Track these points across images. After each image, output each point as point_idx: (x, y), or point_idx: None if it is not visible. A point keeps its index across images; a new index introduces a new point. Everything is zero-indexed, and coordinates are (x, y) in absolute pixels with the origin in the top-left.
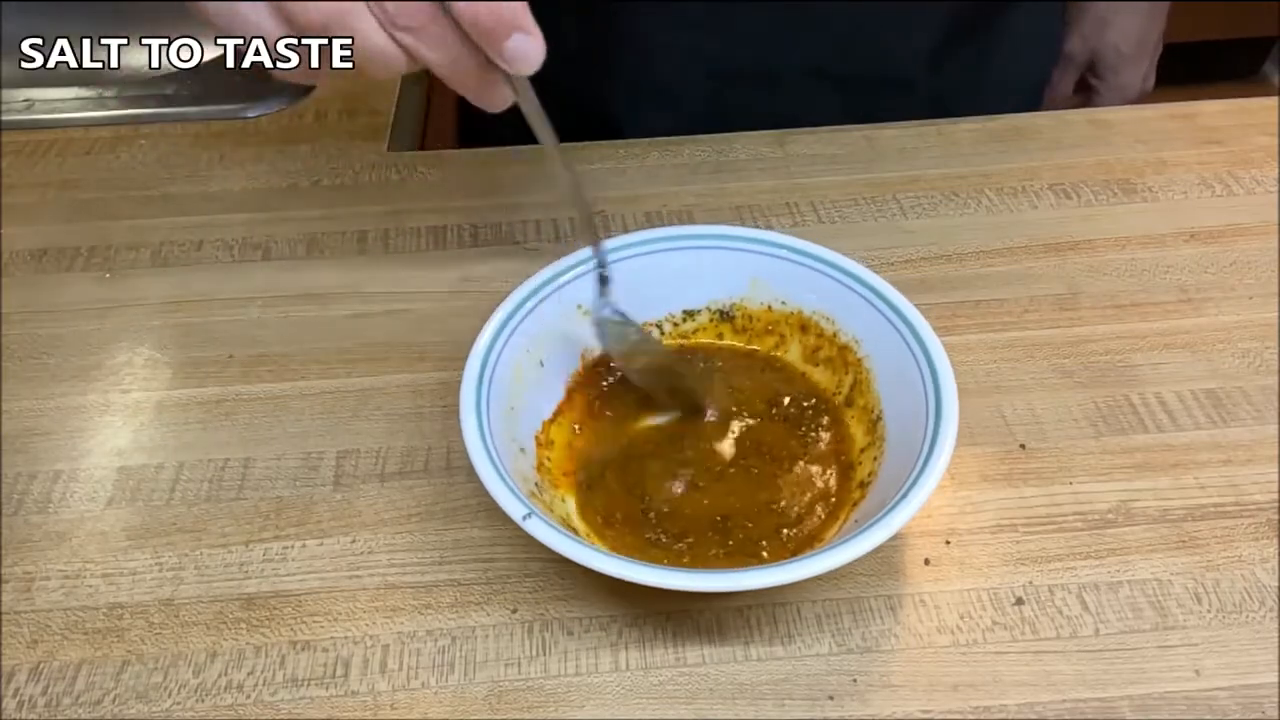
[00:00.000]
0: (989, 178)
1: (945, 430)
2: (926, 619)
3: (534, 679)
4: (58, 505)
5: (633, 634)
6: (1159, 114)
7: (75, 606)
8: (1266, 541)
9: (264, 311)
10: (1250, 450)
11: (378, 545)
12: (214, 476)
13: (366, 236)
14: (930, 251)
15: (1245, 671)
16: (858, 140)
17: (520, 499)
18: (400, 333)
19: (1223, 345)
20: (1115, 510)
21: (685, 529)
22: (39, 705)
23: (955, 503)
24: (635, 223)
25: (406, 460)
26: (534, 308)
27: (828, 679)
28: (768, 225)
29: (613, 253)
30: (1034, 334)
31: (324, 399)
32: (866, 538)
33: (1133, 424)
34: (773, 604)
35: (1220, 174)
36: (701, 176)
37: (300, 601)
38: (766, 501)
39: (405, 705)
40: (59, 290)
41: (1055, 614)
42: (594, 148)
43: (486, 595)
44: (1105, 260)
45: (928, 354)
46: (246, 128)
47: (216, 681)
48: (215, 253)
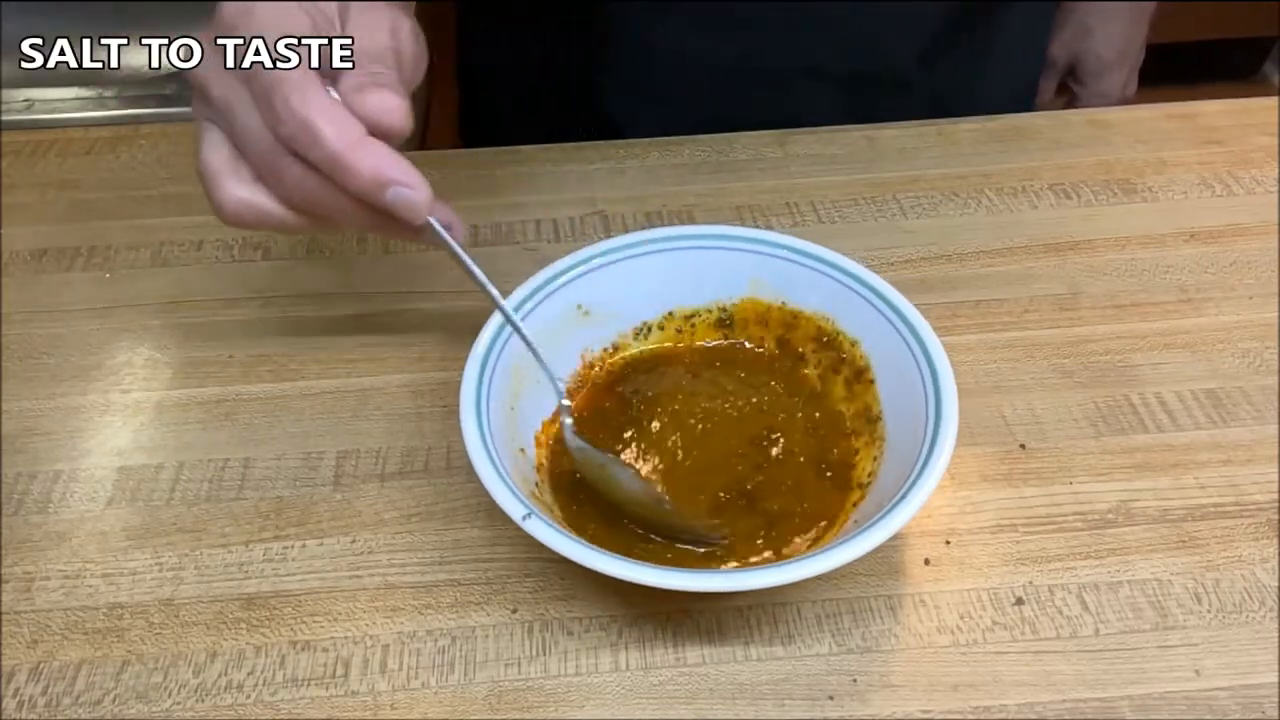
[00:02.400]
0: (989, 178)
1: (945, 431)
2: (926, 619)
3: (534, 679)
4: (58, 505)
5: (633, 634)
6: (1159, 114)
7: (75, 606)
8: (1266, 541)
9: (264, 311)
10: (1250, 450)
11: (378, 545)
12: (214, 476)
13: (366, 236)
14: (930, 251)
15: (1245, 671)
16: (858, 140)
17: (520, 499)
18: (400, 333)
19: (1223, 345)
20: (1115, 510)
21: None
22: (39, 705)
23: (955, 503)
24: (635, 223)
25: (406, 460)
26: (534, 308)
27: (828, 679)
28: (768, 225)
29: (613, 253)
30: (1034, 334)
31: (324, 399)
32: (866, 538)
33: (1133, 424)
34: (773, 604)
35: (1220, 174)
36: (701, 176)
37: (300, 601)
38: (765, 501)
39: (405, 705)
40: (59, 290)
41: (1055, 614)
42: (594, 148)
43: (486, 595)
44: (1105, 260)
45: (928, 354)
46: None
47: (216, 681)
48: (215, 253)
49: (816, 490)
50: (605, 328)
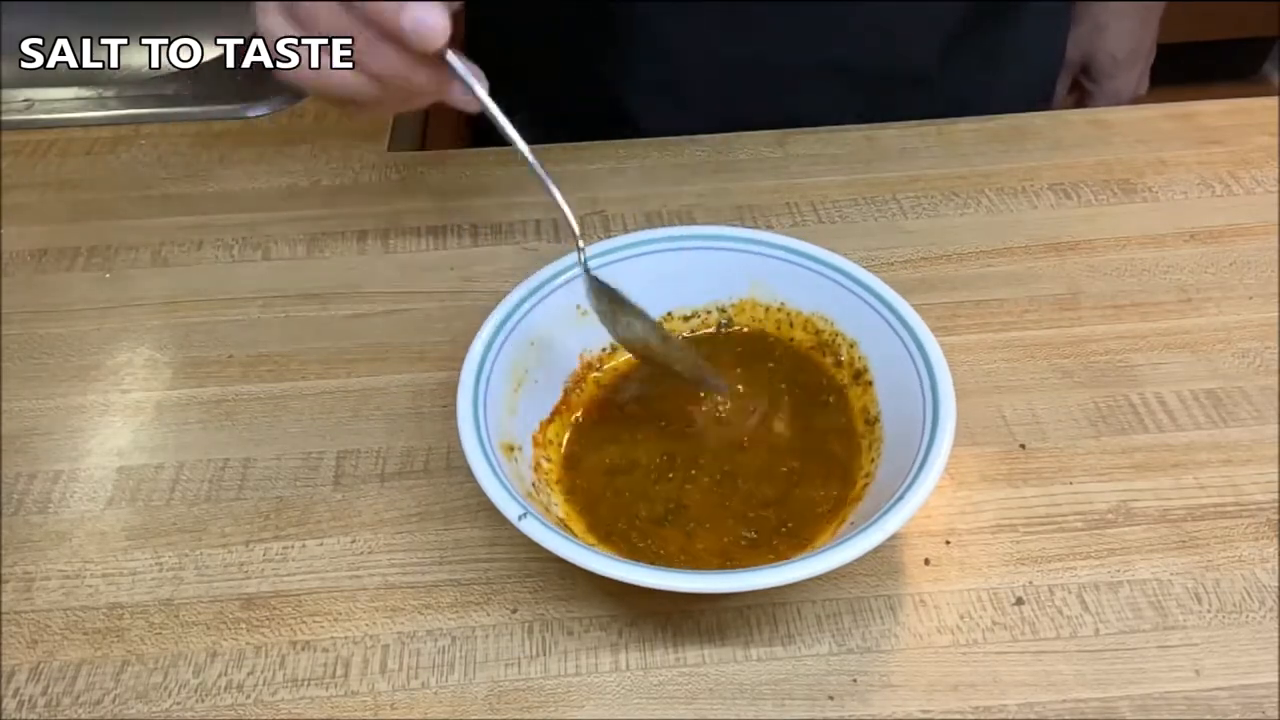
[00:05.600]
0: (989, 178)
1: (943, 432)
2: (926, 619)
3: (534, 679)
4: (58, 505)
5: (633, 634)
6: (1159, 114)
7: (75, 606)
8: (1266, 541)
9: (264, 311)
10: (1250, 450)
11: (378, 545)
12: (214, 476)
13: (366, 236)
14: (930, 251)
15: (1245, 671)
16: (858, 140)
17: (516, 499)
18: (400, 333)
19: (1223, 345)
20: (1115, 510)
21: (680, 528)
22: (39, 705)
23: (955, 503)
24: (635, 223)
25: (406, 460)
26: (533, 308)
27: (828, 679)
28: (768, 225)
29: (613, 253)
30: (1034, 334)
31: (324, 399)
32: (865, 538)
33: (1133, 424)
34: (773, 604)
35: (1220, 174)
36: (701, 176)
37: (300, 601)
38: (764, 502)
39: (405, 705)
40: (59, 290)
41: (1055, 614)
42: (594, 148)
43: (486, 595)
44: (1105, 260)
45: (925, 355)
46: (246, 128)
47: (216, 681)
48: (215, 253)
49: (815, 490)
50: (604, 328)
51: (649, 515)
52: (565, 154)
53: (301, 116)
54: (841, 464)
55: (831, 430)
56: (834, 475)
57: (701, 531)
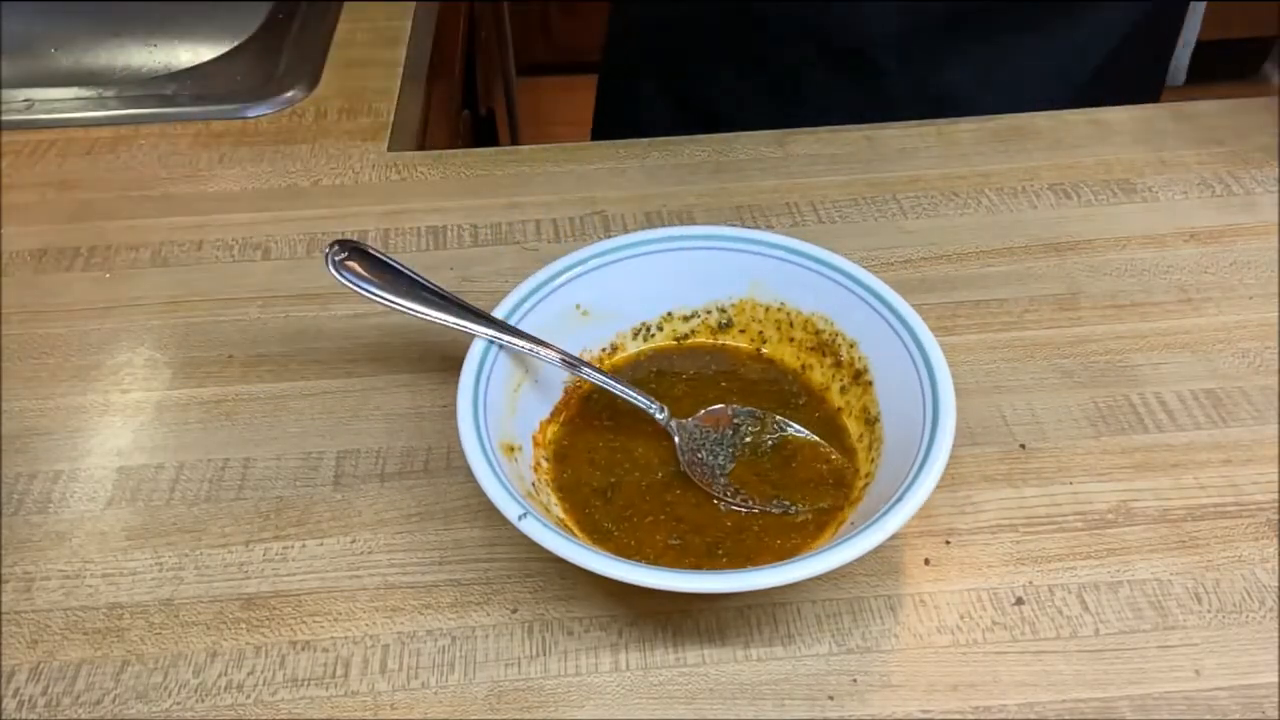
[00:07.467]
0: (989, 178)
1: (942, 432)
2: (926, 619)
3: (534, 679)
4: (58, 505)
5: (633, 634)
6: (1159, 114)
7: (75, 606)
8: (1266, 541)
9: (264, 311)
10: (1250, 450)
11: (378, 545)
12: (214, 476)
13: (366, 236)
14: (930, 251)
15: (1245, 671)
16: (858, 140)
17: (516, 499)
18: (400, 333)
19: (1223, 345)
20: (1115, 510)
21: (679, 528)
22: (39, 705)
23: (955, 503)
24: (635, 223)
25: (406, 460)
26: (533, 307)
27: (828, 679)
28: (768, 225)
29: (612, 253)
30: (1034, 334)
31: (324, 399)
32: (865, 538)
33: (1133, 424)
34: (773, 604)
35: (1220, 174)
36: (701, 176)
37: (300, 601)
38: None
39: (405, 705)
40: (59, 290)
41: (1055, 614)
42: (594, 148)
43: (486, 595)
44: (1105, 260)
45: (925, 355)
46: (246, 128)
47: (216, 681)
48: (215, 253)
49: (814, 491)
50: (604, 328)
51: (635, 512)
52: (565, 154)
53: (301, 116)
54: (840, 466)
55: (831, 434)
56: (834, 476)
57: (697, 531)
